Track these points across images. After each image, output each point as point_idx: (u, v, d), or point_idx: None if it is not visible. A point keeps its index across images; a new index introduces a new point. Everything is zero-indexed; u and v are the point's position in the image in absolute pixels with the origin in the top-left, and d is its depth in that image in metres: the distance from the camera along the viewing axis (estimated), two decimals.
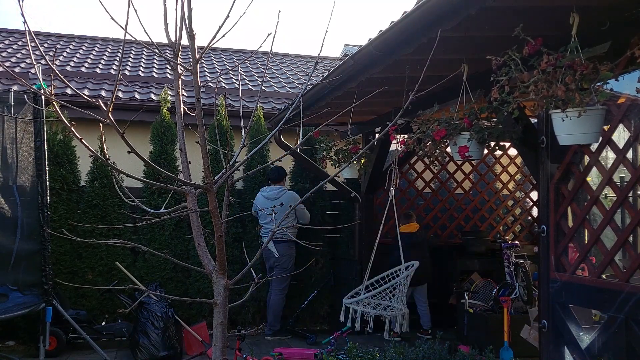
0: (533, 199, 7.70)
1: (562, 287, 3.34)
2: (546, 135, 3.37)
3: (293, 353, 5.23)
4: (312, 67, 5.38)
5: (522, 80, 2.84)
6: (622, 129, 3.16)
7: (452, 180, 7.64)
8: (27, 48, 9.60)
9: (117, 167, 2.20)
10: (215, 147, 3.20)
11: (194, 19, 2.11)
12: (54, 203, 6.08)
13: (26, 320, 5.72)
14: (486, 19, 3.00)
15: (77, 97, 4.69)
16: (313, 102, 5.20)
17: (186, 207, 2.33)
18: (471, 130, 3.56)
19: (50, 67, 1.94)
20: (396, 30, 3.31)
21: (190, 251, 6.56)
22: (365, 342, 5.45)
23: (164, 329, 5.48)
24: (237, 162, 2.43)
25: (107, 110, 1.92)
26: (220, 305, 2.28)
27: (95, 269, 6.35)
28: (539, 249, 3.64)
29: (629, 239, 3.05)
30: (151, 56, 10.67)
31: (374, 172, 6.41)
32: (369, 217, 6.80)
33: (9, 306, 4.99)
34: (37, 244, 5.21)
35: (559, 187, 3.42)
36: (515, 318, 5.35)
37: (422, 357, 4.12)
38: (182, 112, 2.24)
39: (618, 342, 2.97)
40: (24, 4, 1.86)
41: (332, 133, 7.64)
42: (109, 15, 1.99)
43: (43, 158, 5.28)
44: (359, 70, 4.09)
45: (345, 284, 6.87)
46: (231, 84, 9.30)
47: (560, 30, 2.91)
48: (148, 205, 5.35)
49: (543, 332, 3.50)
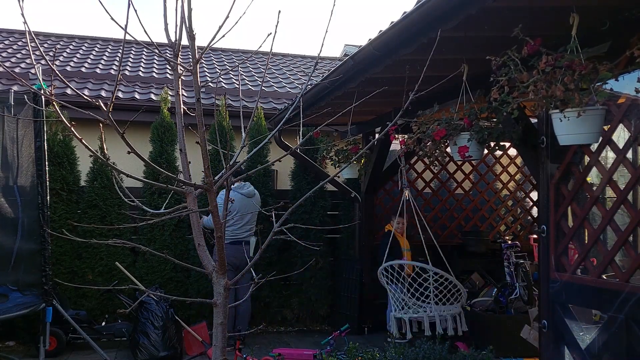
0: (533, 199, 7.70)
1: (562, 287, 3.34)
2: (546, 135, 3.37)
3: (292, 353, 5.23)
4: (312, 67, 5.37)
5: (521, 81, 2.84)
6: (622, 129, 3.16)
7: (452, 180, 7.64)
8: (27, 48, 9.61)
9: (117, 167, 2.20)
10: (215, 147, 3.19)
11: (194, 19, 2.11)
12: (54, 203, 6.08)
13: (26, 321, 5.72)
14: (486, 19, 3.00)
15: (77, 97, 4.70)
16: (313, 102, 5.20)
17: (186, 207, 2.33)
18: (471, 130, 3.56)
19: (50, 67, 1.94)
20: (396, 30, 3.31)
21: (190, 251, 6.56)
22: (365, 342, 5.45)
23: (164, 329, 5.49)
24: (237, 162, 2.43)
25: (107, 110, 1.92)
26: (220, 305, 2.28)
27: (95, 269, 6.35)
28: (538, 249, 3.64)
29: (629, 239, 3.05)
30: (151, 56, 10.68)
31: (374, 172, 6.41)
32: (369, 217, 6.81)
33: (9, 306, 4.99)
34: (37, 244, 5.21)
35: (559, 187, 3.41)
36: (515, 318, 5.35)
37: (422, 357, 4.12)
38: (182, 112, 2.24)
39: (618, 342, 2.97)
40: (24, 4, 1.86)
41: (332, 133, 7.65)
42: (109, 16, 1.99)
43: (43, 158, 5.29)
44: (359, 71, 4.10)
45: (346, 284, 6.89)
46: (231, 84, 9.30)
47: (560, 30, 2.91)
48: (148, 206, 5.36)
49: (543, 332, 3.49)
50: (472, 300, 5.90)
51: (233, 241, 5.81)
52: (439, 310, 5.02)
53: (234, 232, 5.93)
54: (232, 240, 5.83)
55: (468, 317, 5.76)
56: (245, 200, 5.97)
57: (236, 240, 5.84)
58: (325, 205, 7.18)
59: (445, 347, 4.22)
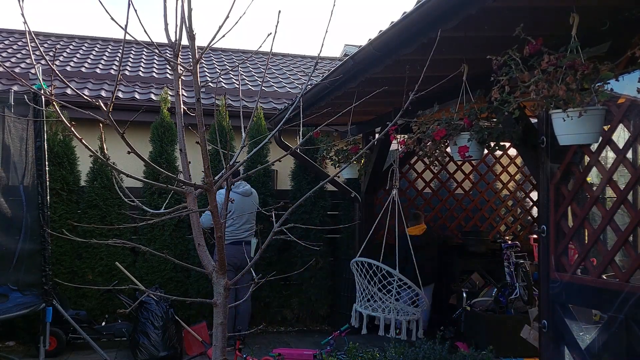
0: (533, 198, 7.70)
1: (562, 287, 3.34)
2: (546, 135, 3.37)
3: (292, 353, 5.24)
4: (312, 67, 5.37)
5: (522, 80, 2.84)
6: (622, 129, 3.16)
7: (452, 180, 7.65)
8: (27, 48, 9.61)
9: (117, 167, 2.20)
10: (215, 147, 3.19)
11: (194, 19, 2.11)
12: (54, 203, 6.08)
13: (26, 321, 5.72)
14: (486, 19, 3.00)
15: (77, 97, 4.69)
16: (313, 102, 5.20)
17: (186, 207, 2.33)
18: (471, 130, 3.56)
19: (50, 68, 1.94)
20: (396, 30, 3.31)
21: (190, 251, 6.56)
22: (365, 342, 5.45)
23: (164, 329, 5.49)
24: (237, 162, 2.42)
25: (107, 110, 1.91)
26: (220, 305, 2.28)
27: (95, 269, 6.36)
28: (539, 249, 3.64)
29: (629, 239, 3.05)
30: (151, 56, 10.68)
31: (374, 172, 6.41)
32: (369, 217, 6.79)
33: (9, 306, 4.99)
34: (37, 244, 5.22)
35: (559, 187, 3.41)
36: (515, 318, 5.35)
37: (422, 357, 4.12)
38: (182, 112, 2.24)
39: (618, 342, 2.97)
40: (24, 4, 1.86)
41: (332, 133, 7.65)
42: (109, 16, 1.99)
43: (43, 158, 5.29)
44: (359, 71, 4.09)
45: (346, 284, 6.88)
46: (231, 84, 9.30)
47: (560, 30, 2.91)
48: (148, 206, 5.37)
49: (543, 332, 3.49)
50: (472, 300, 5.90)
51: (233, 241, 5.80)
52: (396, 313, 5.03)
53: (233, 232, 5.89)
54: (232, 240, 5.81)
55: (468, 317, 5.77)
56: (242, 200, 5.90)
57: (236, 241, 5.82)
58: (325, 205, 7.18)
59: (445, 347, 4.22)
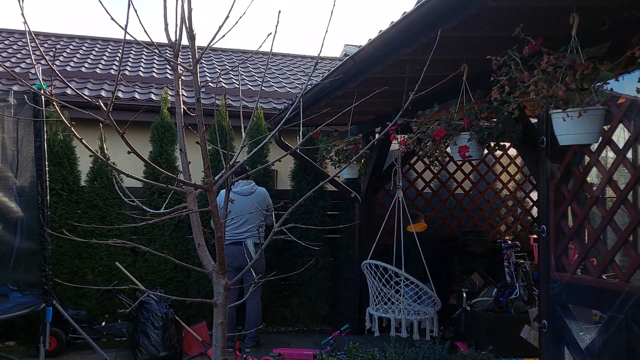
0: (533, 199, 7.70)
1: (563, 287, 3.34)
2: (546, 135, 3.37)
3: (292, 353, 5.24)
4: (312, 67, 5.37)
5: (522, 80, 2.84)
6: (622, 129, 3.16)
7: (452, 180, 7.64)
8: (27, 48, 9.61)
9: (117, 167, 2.20)
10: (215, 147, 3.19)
11: (194, 19, 2.11)
12: (54, 203, 6.08)
13: (26, 321, 5.72)
14: (486, 19, 3.00)
15: (77, 97, 4.70)
16: (313, 102, 5.20)
17: (186, 207, 2.33)
18: (471, 130, 3.56)
19: (50, 68, 1.94)
20: (396, 30, 3.31)
21: (190, 251, 6.56)
22: (365, 342, 5.45)
23: (164, 329, 5.49)
24: (237, 162, 2.43)
25: (107, 110, 1.91)
26: (220, 305, 2.28)
27: (95, 269, 6.35)
28: (538, 249, 3.64)
29: (629, 239, 3.05)
30: (151, 56, 10.68)
31: (374, 172, 6.41)
32: (369, 217, 6.80)
33: (9, 306, 4.99)
34: (37, 244, 5.22)
35: (559, 187, 3.41)
36: (515, 318, 5.34)
37: (422, 357, 4.12)
38: (182, 112, 2.24)
39: (618, 342, 2.97)
40: (24, 4, 1.86)
41: (332, 133, 7.65)
42: (109, 16, 1.99)
43: (43, 158, 5.29)
44: (359, 71, 4.09)
45: (346, 284, 6.88)
46: (231, 84, 9.30)
47: (560, 30, 2.91)
48: (148, 206, 5.37)
49: (543, 332, 3.49)
50: (472, 300, 5.90)
51: (233, 242, 5.78)
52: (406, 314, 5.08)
53: (232, 232, 5.81)
54: (231, 241, 5.78)
55: (468, 317, 5.77)
56: (240, 199, 5.73)
57: (236, 241, 5.81)
58: (325, 205, 7.18)
59: (445, 347, 4.22)
